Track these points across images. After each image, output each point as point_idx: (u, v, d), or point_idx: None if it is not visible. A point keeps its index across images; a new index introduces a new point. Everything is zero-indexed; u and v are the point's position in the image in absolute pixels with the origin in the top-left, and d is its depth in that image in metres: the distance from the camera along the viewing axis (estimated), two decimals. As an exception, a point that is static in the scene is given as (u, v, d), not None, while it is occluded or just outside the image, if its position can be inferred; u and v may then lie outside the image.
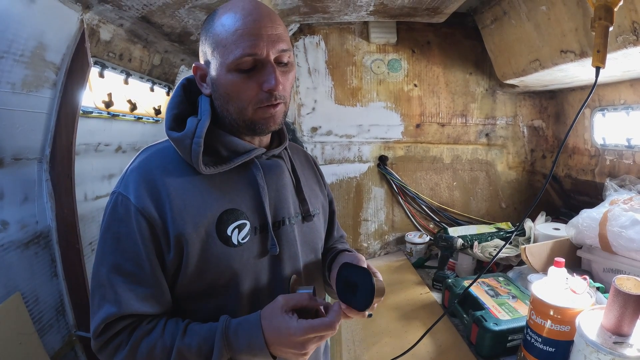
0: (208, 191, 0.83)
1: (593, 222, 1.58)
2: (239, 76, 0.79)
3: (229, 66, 0.78)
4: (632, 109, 1.82)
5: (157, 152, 0.86)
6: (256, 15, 0.78)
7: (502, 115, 2.65)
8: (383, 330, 1.66)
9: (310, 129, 2.61)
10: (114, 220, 0.80)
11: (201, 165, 0.81)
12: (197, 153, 0.80)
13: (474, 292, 1.61)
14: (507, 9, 1.92)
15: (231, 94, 0.81)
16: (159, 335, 0.77)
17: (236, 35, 0.77)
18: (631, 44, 1.28)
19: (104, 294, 0.78)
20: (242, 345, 0.76)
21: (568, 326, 1.15)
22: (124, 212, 0.78)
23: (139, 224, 0.78)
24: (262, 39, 0.77)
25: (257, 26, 0.77)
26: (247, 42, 0.76)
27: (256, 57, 0.78)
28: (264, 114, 0.83)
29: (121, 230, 0.78)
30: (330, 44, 2.54)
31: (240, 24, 0.77)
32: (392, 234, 2.72)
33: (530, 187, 2.72)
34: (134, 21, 1.55)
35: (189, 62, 2.25)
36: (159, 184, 0.80)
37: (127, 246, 0.78)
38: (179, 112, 0.87)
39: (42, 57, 1.29)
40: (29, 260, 1.41)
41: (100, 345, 0.79)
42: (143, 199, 0.78)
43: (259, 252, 0.87)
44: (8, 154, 1.31)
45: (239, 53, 0.76)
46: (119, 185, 0.82)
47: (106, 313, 0.76)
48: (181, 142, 0.82)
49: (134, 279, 0.78)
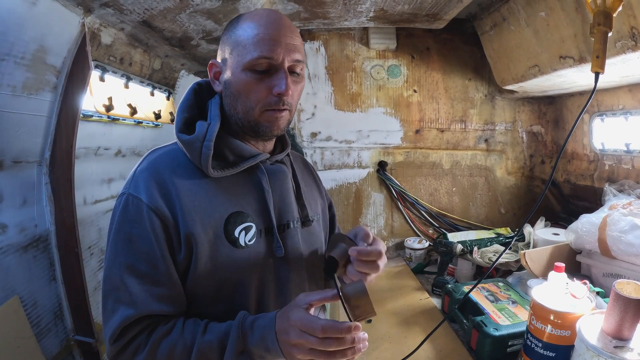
0: (215, 194, 0.85)
1: (592, 227, 1.58)
2: (252, 76, 0.82)
3: (245, 65, 0.82)
4: (631, 114, 1.82)
5: (165, 154, 0.88)
6: (278, 24, 0.83)
7: (501, 120, 2.66)
8: (383, 335, 1.65)
9: (310, 135, 2.61)
10: (125, 221, 0.80)
11: (210, 169, 0.83)
12: (207, 156, 0.82)
13: (473, 297, 1.61)
14: (506, 15, 1.93)
15: (242, 93, 0.84)
16: (178, 335, 0.77)
17: (257, 38, 0.81)
18: (630, 49, 1.29)
19: (119, 296, 0.77)
20: (256, 338, 0.75)
21: (568, 331, 1.15)
22: (135, 213, 0.79)
23: (152, 223, 0.78)
24: (280, 45, 0.81)
25: (277, 34, 0.82)
26: (266, 45, 0.80)
27: (271, 61, 0.81)
28: (270, 117, 0.85)
29: (133, 231, 0.79)
30: (330, 50, 2.55)
31: (262, 30, 0.81)
32: (391, 239, 2.71)
33: (529, 193, 2.72)
34: (134, 25, 1.55)
35: (189, 66, 2.25)
36: (169, 184, 0.81)
37: (140, 247, 0.78)
38: (190, 115, 0.90)
39: (43, 60, 1.29)
40: (28, 264, 1.41)
41: (117, 350, 0.77)
42: (155, 198, 0.79)
43: (265, 254, 0.88)
44: (8, 157, 1.31)
45: (257, 54, 0.80)
46: (128, 186, 0.83)
47: (123, 316, 0.75)
48: (191, 144, 0.84)
49: (149, 279, 0.78)
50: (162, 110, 2.15)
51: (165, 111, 2.19)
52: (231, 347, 0.75)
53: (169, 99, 2.27)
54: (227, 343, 0.75)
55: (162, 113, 2.13)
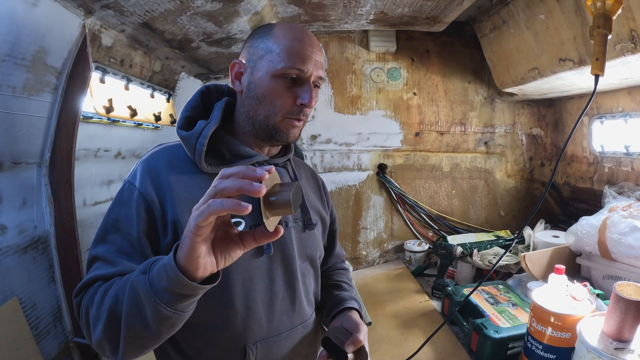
0: (208, 187, 0.84)
1: (592, 229, 1.58)
2: (281, 84, 0.87)
3: (276, 72, 0.86)
4: (630, 116, 1.83)
5: (166, 149, 0.93)
6: (312, 41, 0.90)
7: (500, 123, 2.67)
8: (383, 338, 1.65)
9: (310, 137, 2.61)
10: (117, 203, 0.85)
11: (203, 163, 0.87)
12: (200, 151, 0.87)
13: (473, 300, 1.60)
14: (506, 17, 1.94)
15: (267, 97, 0.88)
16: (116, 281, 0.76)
17: (292, 49, 0.87)
18: (629, 51, 1.30)
19: (98, 266, 0.80)
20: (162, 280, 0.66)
21: (569, 333, 1.15)
22: (127, 197, 0.85)
23: (138, 206, 0.83)
24: (311, 61, 0.88)
25: (311, 50, 0.88)
26: (300, 58, 0.86)
27: (301, 73, 0.87)
28: (289, 125, 0.91)
29: (121, 212, 0.83)
30: (330, 52, 2.56)
31: (298, 43, 0.87)
32: (391, 242, 2.71)
33: (529, 195, 2.72)
34: (135, 27, 1.56)
35: (189, 68, 2.26)
36: (162, 175, 0.86)
37: (123, 226, 0.82)
38: (192, 114, 0.94)
39: (43, 62, 1.30)
40: (27, 265, 1.40)
41: (78, 302, 0.81)
42: (146, 185, 0.84)
43: (254, 251, 0.89)
44: (7, 158, 1.31)
45: (290, 64, 0.86)
46: (129, 175, 0.88)
47: (94, 274, 0.79)
48: (187, 140, 0.89)
49: (127, 255, 0.81)
50: (162, 112, 2.15)
51: (165, 113, 2.19)
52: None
53: (169, 101, 2.27)
54: None
55: (162, 115, 2.13)
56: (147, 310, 0.66)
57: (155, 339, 0.70)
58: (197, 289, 0.65)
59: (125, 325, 0.69)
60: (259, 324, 0.89)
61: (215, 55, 2.13)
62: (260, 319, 0.89)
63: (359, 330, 0.91)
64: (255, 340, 0.89)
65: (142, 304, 0.67)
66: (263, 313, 0.90)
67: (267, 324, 0.91)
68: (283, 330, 0.94)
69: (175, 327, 0.71)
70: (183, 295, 0.65)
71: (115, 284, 0.75)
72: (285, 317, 0.94)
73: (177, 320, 0.69)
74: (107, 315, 0.71)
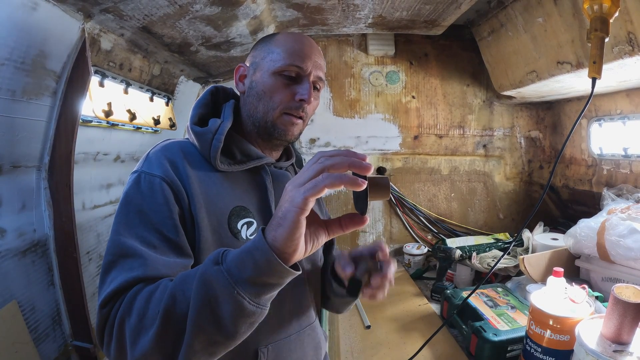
0: (222, 185, 0.88)
1: (591, 231, 1.58)
2: (280, 80, 0.90)
3: (276, 70, 0.89)
4: (629, 118, 1.83)
5: (178, 142, 0.91)
6: (312, 45, 0.93)
7: (499, 126, 2.67)
8: (382, 341, 1.65)
9: (309, 141, 2.62)
10: (137, 195, 0.79)
11: (218, 161, 0.88)
12: (216, 148, 0.87)
13: (472, 302, 1.61)
14: (504, 21, 1.95)
15: (266, 93, 0.91)
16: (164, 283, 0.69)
17: (291, 50, 0.90)
18: (627, 54, 1.30)
19: (124, 264, 0.72)
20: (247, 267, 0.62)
21: (568, 336, 1.15)
22: (148, 188, 0.79)
23: (165, 195, 0.79)
24: (310, 60, 0.91)
25: (310, 50, 0.91)
26: (299, 57, 0.90)
27: (300, 71, 0.90)
28: (287, 121, 0.92)
29: (144, 204, 0.78)
30: (329, 56, 2.57)
31: (297, 45, 0.91)
32: (390, 245, 2.71)
33: (528, 198, 2.72)
34: (134, 31, 1.56)
35: (188, 72, 2.26)
36: (180, 165, 0.84)
37: (152, 218, 0.77)
38: (205, 112, 0.96)
39: (42, 65, 1.30)
40: (26, 269, 1.40)
41: (108, 312, 0.69)
42: (169, 173, 0.81)
43: None
44: (7, 161, 1.30)
45: (289, 62, 0.89)
46: (141, 166, 0.84)
47: (128, 277, 0.70)
48: (203, 136, 0.89)
49: (160, 250, 0.75)
50: (162, 115, 2.15)
51: (165, 117, 2.19)
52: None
53: (168, 104, 2.27)
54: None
55: (161, 119, 2.13)
56: (224, 307, 0.60)
57: (228, 342, 0.65)
58: (288, 275, 0.61)
59: (192, 330, 0.61)
60: (269, 326, 0.88)
61: (214, 59, 2.14)
62: (271, 321, 0.88)
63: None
64: (267, 343, 0.88)
65: (216, 300, 0.60)
66: (274, 315, 0.90)
67: (277, 326, 0.91)
68: (292, 332, 0.94)
69: (253, 327, 0.66)
70: (269, 285, 0.61)
71: (162, 284, 0.67)
72: (294, 319, 0.95)
73: (258, 316, 0.64)
74: (161, 322, 0.62)
